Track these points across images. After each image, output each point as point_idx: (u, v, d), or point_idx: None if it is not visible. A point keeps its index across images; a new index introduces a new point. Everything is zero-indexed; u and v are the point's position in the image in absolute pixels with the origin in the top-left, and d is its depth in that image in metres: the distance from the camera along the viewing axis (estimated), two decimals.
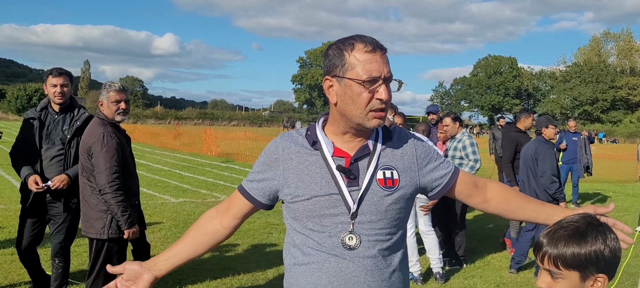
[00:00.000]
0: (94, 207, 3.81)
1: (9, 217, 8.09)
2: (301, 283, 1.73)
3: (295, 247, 1.76)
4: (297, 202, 1.70)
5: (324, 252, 1.68)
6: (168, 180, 13.26)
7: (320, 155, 1.71)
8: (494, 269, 6.36)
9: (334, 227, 1.67)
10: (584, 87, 76.26)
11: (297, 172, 1.71)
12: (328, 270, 1.67)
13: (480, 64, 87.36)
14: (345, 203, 1.66)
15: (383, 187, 1.69)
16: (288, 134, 1.82)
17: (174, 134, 30.83)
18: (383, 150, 1.75)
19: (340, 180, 1.67)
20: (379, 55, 1.64)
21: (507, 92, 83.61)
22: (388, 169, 1.72)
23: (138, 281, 1.77)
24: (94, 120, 3.94)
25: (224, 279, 5.48)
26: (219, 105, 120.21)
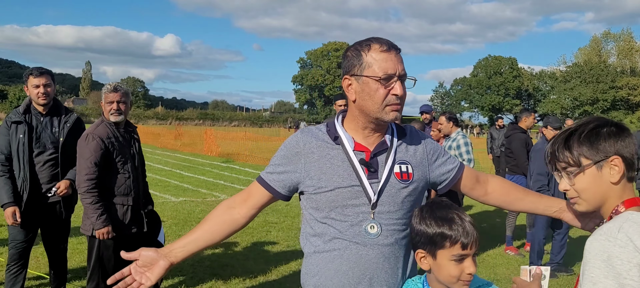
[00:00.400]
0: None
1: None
2: (322, 270, 1.83)
3: (316, 236, 1.86)
4: (320, 193, 1.81)
5: (345, 240, 1.79)
6: (169, 180, 13.39)
7: (342, 150, 1.83)
8: (488, 266, 6.48)
9: (356, 216, 1.78)
10: (584, 87, 76.26)
11: (320, 165, 1.82)
12: (349, 257, 1.78)
13: (480, 64, 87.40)
14: (366, 194, 1.78)
15: (399, 180, 1.83)
16: (308, 129, 1.94)
17: (174, 134, 30.94)
18: (399, 146, 1.89)
19: (361, 173, 1.79)
20: (394, 55, 1.78)
21: (508, 92, 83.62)
22: (404, 164, 1.86)
23: (153, 267, 1.83)
24: (96, 121, 4.08)
25: (223, 275, 5.60)
26: (219, 106, 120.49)
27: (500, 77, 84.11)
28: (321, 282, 1.83)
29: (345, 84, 1.85)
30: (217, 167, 17.82)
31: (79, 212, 4.09)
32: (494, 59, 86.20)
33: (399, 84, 1.76)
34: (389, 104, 1.77)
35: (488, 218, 9.81)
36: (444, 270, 1.68)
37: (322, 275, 1.83)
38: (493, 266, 6.49)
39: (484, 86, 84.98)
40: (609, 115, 77.89)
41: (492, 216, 10.07)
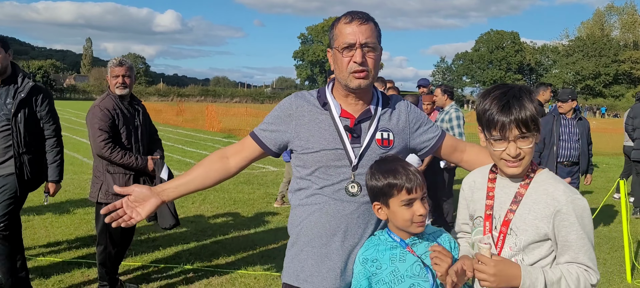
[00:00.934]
0: (93, 172, 4.20)
1: None
2: (304, 221, 2.03)
3: (301, 190, 2.06)
4: (307, 153, 2.00)
5: (325, 196, 1.99)
6: (171, 155, 13.61)
7: (330, 115, 2.02)
8: None
9: (337, 176, 1.97)
10: (586, 61, 75.98)
11: (309, 127, 2.01)
12: (328, 210, 1.98)
13: (482, 39, 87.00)
14: (348, 157, 1.97)
15: (380, 146, 2.02)
16: (302, 94, 2.12)
17: (176, 111, 31.11)
18: (382, 114, 2.08)
19: (345, 138, 1.98)
20: (356, 25, 1.93)
21: (509, 67, 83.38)
22: (385, 131, 2.05)
23: (145, 203, 1.99)
24: (102, 95, 4.29)
25: (225, 243, 5.86)
26: (221, 83, 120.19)
27: (502, 52, 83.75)
28: (303, 231, 2.04)
29: (329, 56, 2.07)
30: (218, 142, 18.04)
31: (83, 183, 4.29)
32: (495, 34, 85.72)
33: (358, 52, 1.91)
34: (352, 71, 1.93)
35: None
36: (397, 215, 1.85)
37: (304, 225, 2.03)
38: None
39: (485, 61, 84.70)
40: (611, 89, 77.59)
41: None
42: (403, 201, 1.83)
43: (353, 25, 1.93)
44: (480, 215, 1.85)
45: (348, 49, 1.93)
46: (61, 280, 4.55)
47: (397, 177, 1.84)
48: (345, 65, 1.94)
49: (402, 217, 1.85)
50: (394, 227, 1.93)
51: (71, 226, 6.30)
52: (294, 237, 2.08)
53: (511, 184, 1.80)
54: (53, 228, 6.20)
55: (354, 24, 1.93)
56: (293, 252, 2.08)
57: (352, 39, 1.92)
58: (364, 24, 1.93)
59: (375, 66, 1.98)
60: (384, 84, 6.59)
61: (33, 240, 5.65)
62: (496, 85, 1.82)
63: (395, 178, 1.84)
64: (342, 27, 1.95)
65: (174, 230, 6.29)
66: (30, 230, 6.01)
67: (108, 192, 4.04)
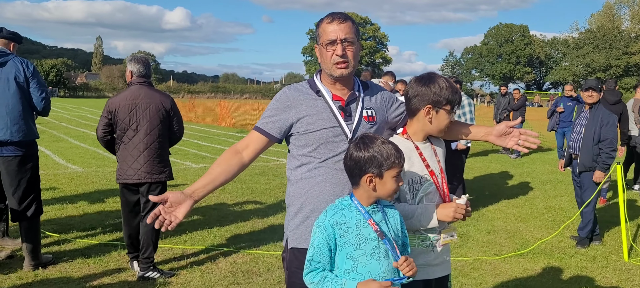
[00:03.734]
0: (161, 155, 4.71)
1: (49, 179, 8.97)
2: (309, 191, 2.35)
3: (302, 166, 2.38)
4: (309, 132, 2.35)
5: (327, 168, 2.34)
6: (187, 149, 14.08)
7: (324, 100, 2.40)
8: (487, 220, 7.08)
9: (336, 149, 2.33)
10: (597, 53, 75.51)
11: (308, 112, 2.37)
12: (331, 180, 2.33)
13: (491, 32, 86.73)
14: (344, 132, 2.35)
15: (367, 122, 2.44)
16: (293, 86, 2.49)
17: (188, 107, 31.58)
18: (365, 97, 2.50)
19: (340, 117, 2.37)
20: (337, 24, 2.31)
21: (519, 60, 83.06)
22: (369, 109, 2.47)
23: (180, 206, 2.22)
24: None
25: (246, 227, 6.28)
26: (230, 79, 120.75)
27: (512, 45, 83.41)
28: (309, 200, 2.35)
29: (316, 51, 2.48)
30: (232, 136, 18.48)
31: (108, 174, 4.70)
32: (505, 27, 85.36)
33: (339, 46, 2.30)
34: (335, 62, 2.33)
35: (490, 180, 10.39)
36: (387, 186, 2.11)
37: (309, 195, 2.35)
38: (491, 219, 7.09)
39: (494, 54, 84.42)
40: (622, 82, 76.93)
41: (495, 178, 10.65)
42: (396, 173, 2.11)
43: (334, 24, 2.31)
44: (424, 175, 2.41)
45: (331, 44, 2.31)
46: (100, 260, 4.99)
47: (397, 152, 2.12)
48: (329, 58, 2.33)
49: (390, 187, 2.11)
50: (360, 195, 2.17)
51: (103, 213, 6.75)
52: (298, 206, 2.38)
53: (425, 145, 2.48)
54: (87, 215, 6.66)
55: (335, 23, 2.31)
56: (298, 219, 2.38)
57: (333, 35, 2.30)
58: (343, 23, 2.31)
59: (354, 57, 2.37)
60: (394, 77, 6.95)
61: (70, 225, 6.11)
62: (435, 74, 2.47)
63: (397, 152, 2.12)
64: (325, 27, 2.33)
65: (198, 216, 6.73)
66: (66, 218, 6.47)
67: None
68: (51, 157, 12.10)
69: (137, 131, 4.55)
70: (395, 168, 2.11)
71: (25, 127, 4.53)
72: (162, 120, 4.66)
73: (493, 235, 6.32)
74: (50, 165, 10.69)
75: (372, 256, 2.11)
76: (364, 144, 2.14)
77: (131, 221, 4.70)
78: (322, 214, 2.19)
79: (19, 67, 4.49)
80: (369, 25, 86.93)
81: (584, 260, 5.48)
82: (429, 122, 2.43)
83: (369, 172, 2.10)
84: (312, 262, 2.12)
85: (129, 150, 4.54)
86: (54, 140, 15.41)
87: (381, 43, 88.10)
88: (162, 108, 4.66)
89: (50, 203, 7.14)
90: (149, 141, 4.57)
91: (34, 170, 4.67)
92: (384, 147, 2.12)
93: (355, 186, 2.18)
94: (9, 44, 4.65)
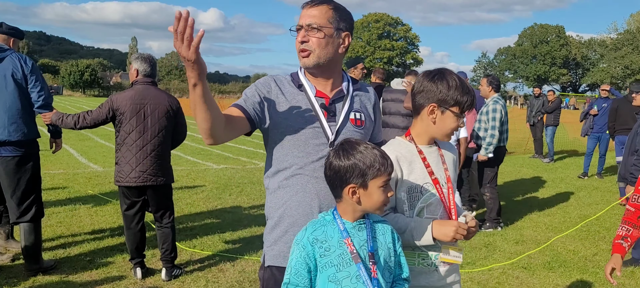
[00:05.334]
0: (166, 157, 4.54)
1: (67, 179, 8.90)
2: (287, 202, 2.07)
3: (279, 172, 2.10)
4: (286, 133, 2.07)
5: (306, 176, 2.05)
6: (211, 149, 13.93)
7: (305, 95, 2.11)
8: (515, 228, 6.66)
9: (316, 153, 2.05)
10: (636, 55, 73.08)
11: (286, 106, 2.08)
12: (311, 189, 2.04)
13: (525, 33, 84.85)
14: (325, 134, 2.07)
15: (354, 125, 2.14)
16: (277, 76, 2.21)
17: None
18: (354, 96, 2.20)
19: (321, 116, 2.08)
20: (306, 9, 2.08)
21: (554, 61, 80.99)
22: (358, 112, 2.18)
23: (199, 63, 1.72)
24: None
25: (258, 230, 6.03)
26: None
27: (547, 46, 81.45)
28: (287, 212, 2.08)
29: None
30: (257, 137, 18.29)
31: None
32: (540, 27, 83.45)
33: (301, 33, 2.06)
34: (298, 50, 2.08)
35: (521, 185, 9.91)
36: (374, 198, 1.82)
37: (287, 206, 2.08)
38: (520, 228, 6.67)
39: (529, 55, 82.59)
40: None
41: (526, 183, 10.16)
42: (383, 183, 1.83)
43: (304, 9, 2.08)
44: (426, 182, 2.11)
45: (297, 31, 2.08)
46: (104, 265, 4.80)
47: (382, 158, 1.83)
48: (296, 45, 2.09)
49: (378, 199, 1.83)
50: (343, 209, 1.89)
51: (114, 214, 6.59)
52: (276, 219, 2.11)
53: (431, 150, 2.18)
54: (97, 216, 6.50)
55: (305, 8, 2.08)
56: (276, 234, 2.11)
57: (300, 21, 2.07)
58: (313, 7, 2.06)
59: (319, 46, 2.05)
60: (416, 75, 6.60)
61: (79, 228, 5.95)
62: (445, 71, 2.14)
63: (383, 158, 1.83)
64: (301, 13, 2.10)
65: (211, 220, 6.51)
66: (76, 219, 6.33)
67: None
68: (74, 155, 12.10)
69: (144, 133, 4.35)
70: (381, 177, 1.81)
71: (23, 126, 4.35)
72: (169, 122, 4.48)
73: (521, 246, 5.91)
74: (71, 164, 10.66)
75: (358, 279, 1.82)
76: (344, 150, 1.84)
77: (133, 225, 4.49)
78: (301, 230, 1.90)
79: (16, 63, 4.31)
80: (400, 25, 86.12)
81: (622, 276, 5.03)
82: (432, 122, 2.12)
83: (351, 182, 1.82)
84: (289, 285, 1.83)
85: (134, 153, 4.33)
86: (81, 138, 15.49)
87: (412, 43, 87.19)
88: (170, 110, 4.48)
89: (63, 204, 7.03)
90: (156, 143, 4.39)
91: (34, 171, 4.47)
92: (367, 153, 1.81)
93: (338, 199, 1.89)
94: (8, 39, 4.49)
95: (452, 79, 2.09)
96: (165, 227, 4.57)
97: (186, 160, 11.84)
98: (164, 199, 4.55)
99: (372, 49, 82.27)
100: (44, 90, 4.45)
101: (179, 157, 11.94)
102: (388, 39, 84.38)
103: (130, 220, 4.49)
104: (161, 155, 4.43)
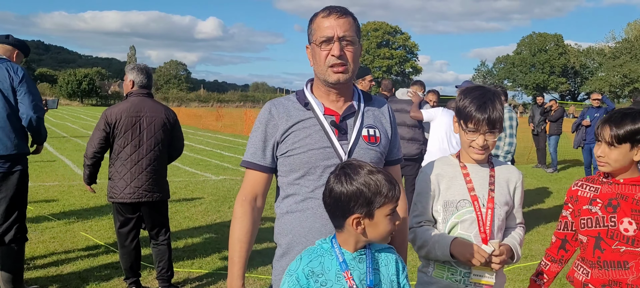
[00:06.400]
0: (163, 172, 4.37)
1: (62, 191, 8.68)
2: (296, 228, 1.93)
3: (289, 197, 1.96)
4: (294, 155, 1.91)
5: (318, 199, 1.85)
6: (209, 160, 13.74)
7: (313, 114, 1.94)
8: (524, 243, 6.46)
9: (328, 175, 1.80)
10: (634, 63, 73.15)
11: (293, 129, 1.92)
12: (322, 214, 1.83)
13: (524, 41, 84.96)
14: (337, 154, 1.90)
15: (367, 143, 1.95)
16: (276, 100, 2.04)
17: (215, 116, 31.53)
18: (366, 111, 2.01)
19: (332, 135, 1.91)
20: (334, 18, 1.88)
21: (553, 70, 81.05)
22: (371, 128, 1.99)
23: None
24: None
25: (263, 252, 5.83)
26: (260, 88, 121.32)
27: (545, 55, 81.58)
28: (295, 239, 1.92)
29: (307, 52, 2.00)
30: None
31: None
32: (538, 36, 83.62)
33: (336, 45, 1.86)
34: (330, 65, 1.88)
35: (526, 197, 9.71)
36: (380, 227, 1.65)
37: (296, 232, 1.92)
38: (528, 242, 6.48)
39: (527, 64, 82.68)
40: None
41: (530, 195, 9.98)
42: (390, 211, 1.65)
43: (331, 19, 1.88)
44: (464, 199, 2.09)
45: (326, 42, 1.88)
46: (98, 283, 4.59)
47: (390, 184, 1.65)
48: (323, 60, 1.89)
49: (384, 229, 1.65)
50: (344, 239, 1.71)
51: (110, 229, 6.37)
52: (285, 247, 1.96)
53: (481, 169, 2.15)
54: (92, 231, 6.29)
55: (332, 17, 1.89)
56: (285, 261, 1.93)
57: (330, 32, 1.87)
58: (342, 18, 1.89)
59: (354, 60, 1.91)
60: (423, 87, 6.44)
61: (73, 244, 5.74)
62: (476, 86, 2.14)
63: (390, 184, 1.64)
64: (320, 21, 1.91)
65: (210, 234, 6.31)
66: (70, 234, 6.12)
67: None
68: (70, 166, 11.89)
69: (139, 146, 4.16)
70: (388, 205, 1.63)
71: (7, 141, 4.04)
72: (166, 135, 4.29)
73: (531, 262, 5.71)
74: (67, 176, 10.45)
75: None
76: (346, 174, 1.64)
77: (128, 243, 4.28)
78: (295, 260, 1.71)
79: (5, 73, 4.04)
80: (399, 34, 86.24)
81: None
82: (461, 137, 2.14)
83: (355, 212, 1.63)
84: None
85: (129, 167, 4.14)
86: (77, 149, 15.28)
87: (411, 52, 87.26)
88: (166, 122, 4.29)
89: (57, 218, 6.82)
90: (153, 157, 4.20)
91: (18, 189, 4.13)
92: (372, 178, 1.62)
93: (339, 229, 1.69)
94: (12, 51, 4.26)
95: (470, 93, 2.03)
96: (162, 244, 4.37)
97: (184, 171, 11.64)
98: (159, 216, 4.35)
99: (371, 58, 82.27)
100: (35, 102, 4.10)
101: (177, 168, 11.73)
102: (387, 48, 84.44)
103: (124, 237, 4.28)
104: (157, 170, 4.23)
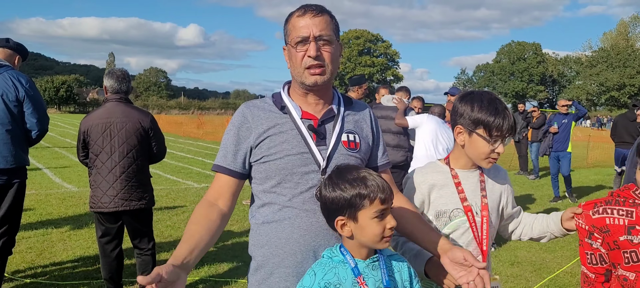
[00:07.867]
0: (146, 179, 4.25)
1: (39, 201, 8.46)
2: (272, 240, 1.80)
3: (265, 206, 1.84)
4: (270, 161, 1.80)
5: (295, 208, 1.77)
6: (191, 167, 13.55)
7: (290, 118, 1.84)
8: (509, 249, 6.46)
9: (306, 183, 1.78)
10: (610, 72, 74.62)
11: (268, 134, 1.82)
12: (300, 224, 1.76)
13: (503, 50, 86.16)
14: (315, 160, 1.79)
15: (347, 148, 1.85)
16: (251, 102, 1.93)
17: (196, 123, 31.26)
18: (346, 116, 1.91)
19: (310, 139, 1.81)
20: (310, 17, 1.78)
21: (531, 78, 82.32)
22: (351, 133, 1.88)
23: (177, 282, 1.68)
24: None
25: (244, 253, 5.71)
26: (241, 96, 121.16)
27: (524, 63, 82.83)
28: (271, 251, 1.81)
29: (284, 53, 1.90)
30: None
31: None
32: (517, 45, 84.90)
33: (312, 45, 1.76)
34: (306, 66, 1.78)
35: None
36: (367, 230, 1.62)
37: (272, 244, 1.80)
38: (514, 249, 6.47)
39: (507, 72, 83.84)
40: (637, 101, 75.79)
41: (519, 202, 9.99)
42: (376, 212, 1.60)
43: (306, 18, 1.79)
44: (456, 208, 1.99)
45: (302, 43, 1.78)
46: None
47: (368, 185, 1.61)
48: (299, 61, 1.79)
49: (372, 232, 1.61)
50: (350, 245, 1.68)
51: (89, 239, 6.20)
52: (260, 259, 1.84)
53: (471, 175, 2.04)
54: (71, 241, 6.12)
55: (307, 16, 1.79)
56: (260, 275, 1.83)
57: (305, 32, 1.77)
58: (318, 16, 1.79)
59: (332, 61, 1.82)
60: (409, 93, 6.41)
61: (51, 254, 5.57)
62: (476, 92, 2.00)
63: (367, 187, 1.60)
64: (295, 21, 1.81)
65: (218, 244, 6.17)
66: (48, 244, 5.94)
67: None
68: (47, 174, 11.63)
69: (112, 154, 4.00)
70: (372, 207, 1.59)
71: (7, 154, 3.89)
72: (141, 141, 4.10)
73: (518, 268, 5.70)
74: (44, 185, 10.21)
75: None
76: (330, 179, 1.67)
77: (109, 253, 4.14)
78: (307, 275, 1.64)
79: (9, 83, 3.87)
80: (380, 42, 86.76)
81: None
82: (461, 145, 2.02)
83: (338, 215, 1.65)
84: None
85: (104, 176, 4.00)
86: (55, 157, 14.99)
87: (392, 60, 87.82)
88: (139, 127, 4.10)
89: (34, 227, 6.62)
90: (126, 164, 4.03)
91: (14, 201, 3.99)
92: (353, 182, 1.60)
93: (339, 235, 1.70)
94: (13, 56, 4.11)
95: (479, 99, 1.91)
96: (146, 254, 4.24)
97: (165, 179, 11.46)
98: (141, 225, 4.20)
99: (353, 66, 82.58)
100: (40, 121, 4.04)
101: (158, 175, 11.54)
102: (368, 56, 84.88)
103: (105, 247, 4.14)
104: (133, 176, 4.06)
